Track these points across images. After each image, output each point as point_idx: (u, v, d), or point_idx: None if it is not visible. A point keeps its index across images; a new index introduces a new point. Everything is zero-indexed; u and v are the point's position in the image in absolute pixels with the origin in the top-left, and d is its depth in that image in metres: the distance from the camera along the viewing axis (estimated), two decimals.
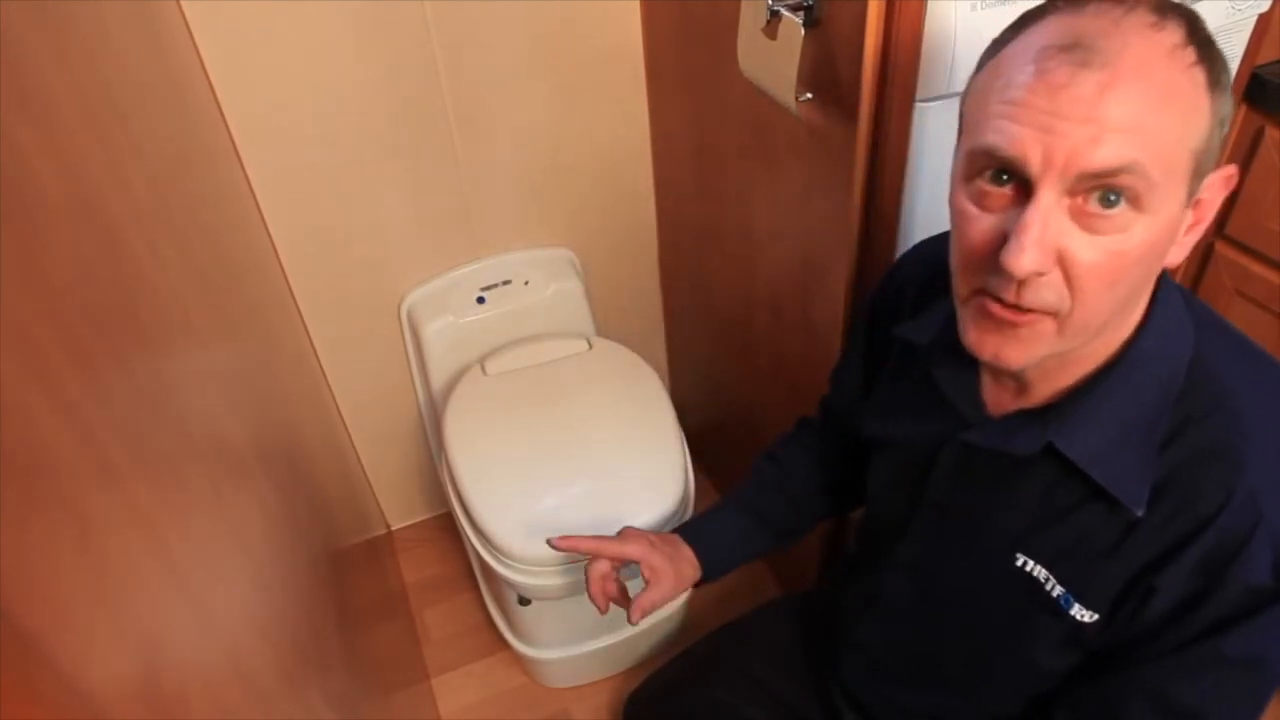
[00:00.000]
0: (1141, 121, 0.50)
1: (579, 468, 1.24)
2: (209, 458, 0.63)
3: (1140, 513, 0.60)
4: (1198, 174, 0.54)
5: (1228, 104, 0.54)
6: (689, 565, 0.94)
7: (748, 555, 0.98)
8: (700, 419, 1.65)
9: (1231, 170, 0.57)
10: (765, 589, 1.56)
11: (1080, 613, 0.65)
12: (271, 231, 1.28)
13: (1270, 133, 1.06)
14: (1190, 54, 0.51)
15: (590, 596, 0.92)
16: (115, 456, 0.43)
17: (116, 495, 0.42)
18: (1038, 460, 0.64)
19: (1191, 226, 0.58)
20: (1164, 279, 0.62)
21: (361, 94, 1.23)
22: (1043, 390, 0.64)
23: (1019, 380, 0.65)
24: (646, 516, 1.17)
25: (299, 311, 1.38)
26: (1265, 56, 1.05)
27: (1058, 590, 0.66)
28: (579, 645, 1.38)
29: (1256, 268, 1.14)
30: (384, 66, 1.22)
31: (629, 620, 0.89)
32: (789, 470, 0.99)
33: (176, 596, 0.47)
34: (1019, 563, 0.68)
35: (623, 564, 0.93)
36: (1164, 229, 0.53)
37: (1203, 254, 1.20)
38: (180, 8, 1.07)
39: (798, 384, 1.23)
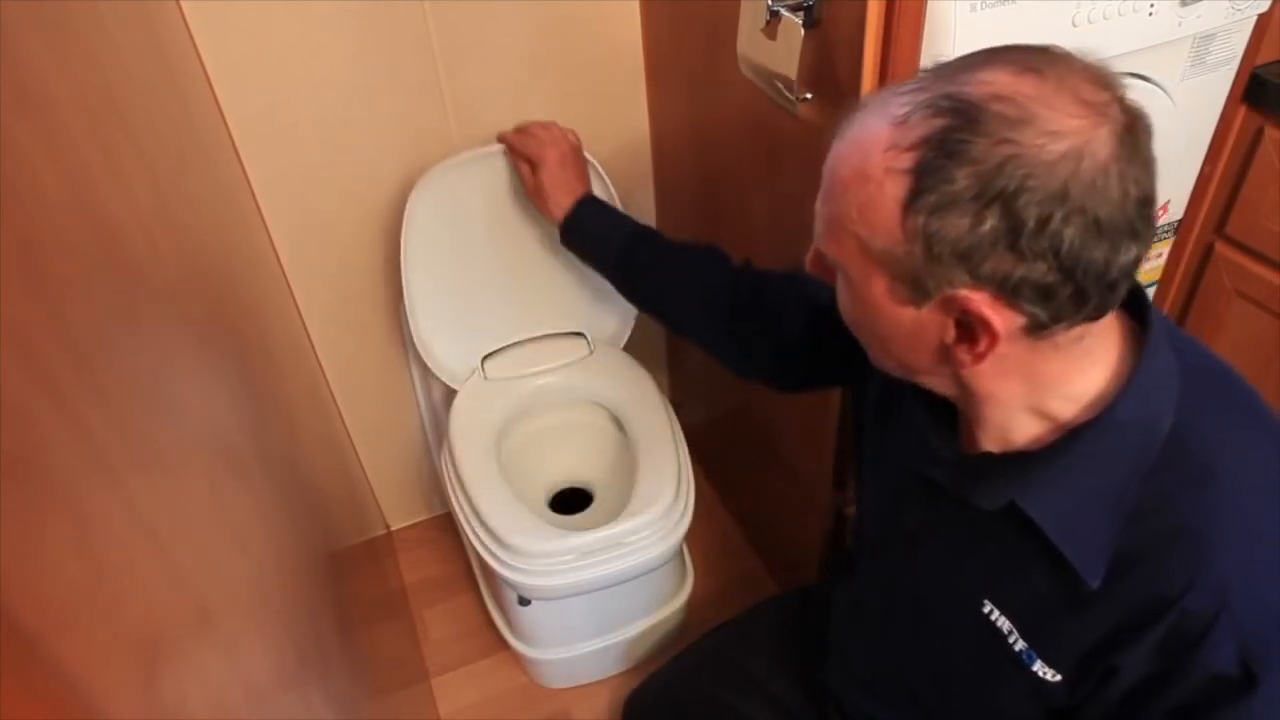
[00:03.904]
0: (831, 196, 0.57)
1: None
2: (208, 458, 0.63)
3: (1095, 584, 0.58)
4: (899, 277, 0.54)
5: (949, 230, 0.50)
6: (559, 205, 1.13)
7: (597, 255, 1.13)
8: (700, 419, 1.65)
9: (999, 326, 0.53)
10: (763, 588, 1.56)
11: (1043, 670, 0.63)
12: (271, 231, 1.28)
13: (1270, 133, 1.06)
14: (906, 159, 0.51)
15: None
16: (114, 456, 0.43)
17: (116, 495, 0.42)
18: (1001, 511, 0.61)
19: (961, 345, 0.55)
20: (1155, 334, 0.58)
21: (362, 94, 1.23)
22: (989, 439, 0.63)
23: (966, 419, 0.65)
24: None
25: (299, 311, 1.38)
26: (1265, 56, 1.05)
27: (1020, 645, 0.65)
28: (579, 645, 1.38)
29: (1256, 268, 1.14)
30: (384, 67, 1.22)
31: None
32: (696, 262, 1.03)
33: (176, 596, 0.47)
34: (985, 610, 0.66)
35: None
36: (870, 299, 0.57)
37: (1203, 254, 1.20)
38: (180, 8, 1.06)
39: None
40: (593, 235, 1.13)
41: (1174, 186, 1.10)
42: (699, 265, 1.02)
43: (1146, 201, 0.51)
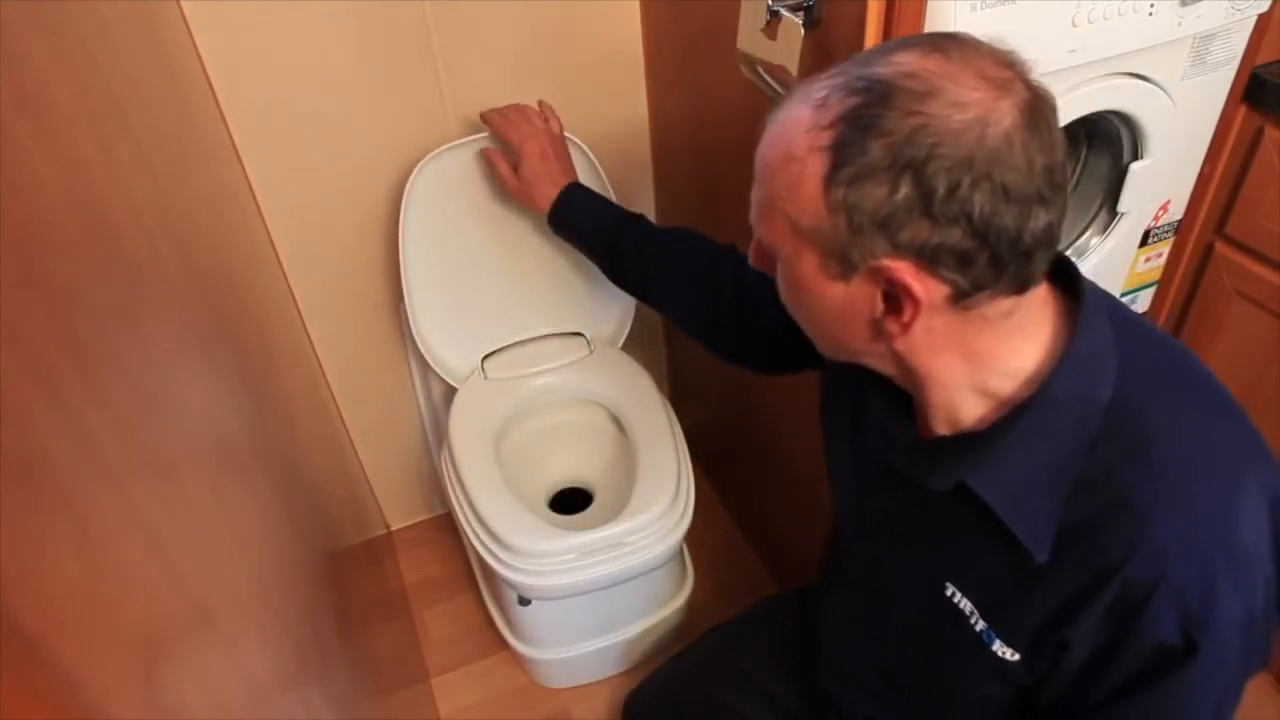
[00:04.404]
0: (762, 180, 0.59)
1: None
2: (208, 458, 0.63)
3: (1043, 559, 0.59)
4: (827, 253, 0.56)
5: (867, 200, 0.53)
6: (545, 196, 1.13)
7: (584, 243, 1.14)
8: (700, 418, 1.65)
9: (921, 294, 0.55)
10: (763, 588, 1.56)
11: (1002, 650, 0.64)
12: (271, 231, 1.28)
13: (1270, 133, 1.06)
14: (825, 137, 0.53)
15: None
16: (115, 456, 0.43)
17: (116, 495, 0.42)
18: (954, 492, 0.62)
19: (890, 316, 0.57)
20: (1088, 310, 0.60)
21: (362, 94, 1.23)
22: (940, 422, 0.64)
23: (919, 405, 0.66)
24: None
25: (299, 311, 1.38)
26: (1265, 56, 1.05)
27: (980, 625, 0.66)
28: (579, 645, 1.38)
29: (1256, 268, 1.14)
30: (384, 66, 1.23)
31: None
32: (682, 246, 1.04)
33: (176, 596, 0.48)
34: (948, 592, 0.68)
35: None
36: (803, 278, 0.59)
37: (1203, 254, 1.20)
38: (180, 7, 1.07)
39: (797, 383, 1.23)
40: (578, 224, 1.13)
41: (1174, 186, 1.10)
42: (684, 249, 1.04)
43: (1053, 170, 0.53)
